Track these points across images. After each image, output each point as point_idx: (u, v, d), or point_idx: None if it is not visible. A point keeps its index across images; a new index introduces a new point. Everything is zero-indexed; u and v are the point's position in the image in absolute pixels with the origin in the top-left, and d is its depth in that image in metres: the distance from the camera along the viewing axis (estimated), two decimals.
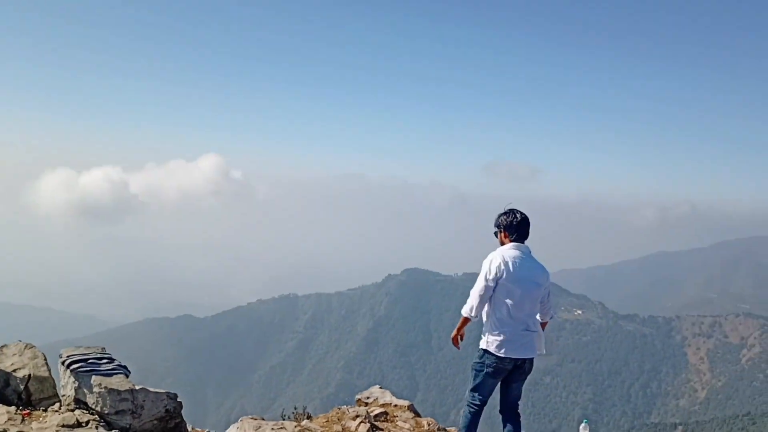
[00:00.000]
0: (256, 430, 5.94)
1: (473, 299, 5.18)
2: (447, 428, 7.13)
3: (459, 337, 5.48)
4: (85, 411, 5.16)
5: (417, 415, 7.68)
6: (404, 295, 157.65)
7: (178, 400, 6.36)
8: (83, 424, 4.85)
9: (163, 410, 6.19)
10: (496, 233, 5.44)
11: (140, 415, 6.00)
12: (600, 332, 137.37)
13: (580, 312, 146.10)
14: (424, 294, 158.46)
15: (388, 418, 7.27)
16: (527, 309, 5.17)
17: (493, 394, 5.52)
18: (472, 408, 5.39)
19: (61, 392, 5.65)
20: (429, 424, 7.15)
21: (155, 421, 6.13)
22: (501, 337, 5.14)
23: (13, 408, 5.17)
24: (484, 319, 5.31)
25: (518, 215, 5.30)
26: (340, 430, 6.42)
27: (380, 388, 8.20)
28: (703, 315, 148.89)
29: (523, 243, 5.31)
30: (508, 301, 5.09)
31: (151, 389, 6.17)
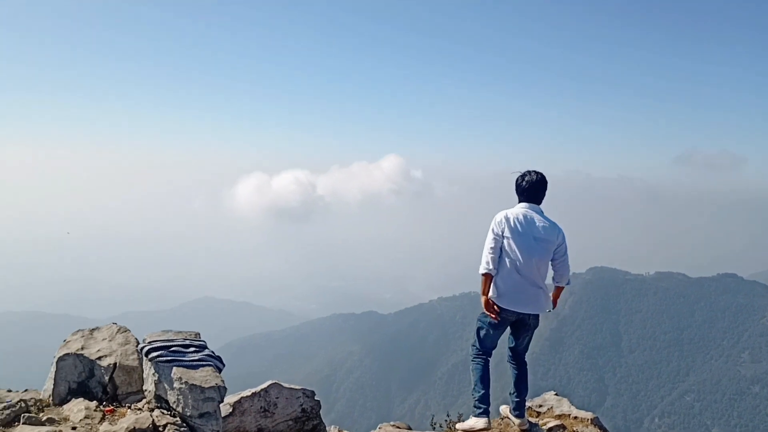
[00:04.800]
0: None
1: (486, 254, 5.26)
2: None
3: (492, 304, 5.38)
4: (165, 411, 4.12)
5: (603, 430, 6.24)
6: (589, 295, 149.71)
7: (316, 398, 5.61)
8: (160, 428, 3.85)
9: (299, 410, 5.49)
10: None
11: (273, 414, 5.34)
12: None
13: None
14: (612, 294, 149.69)
15: None
16: (531, 264, 5.22)
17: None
18: (478, 360, 5.76)
19: (145, 386, 4.61)
20: None
21: (290, 422, 5.43)
22: (502, 289, 5.26)
23: (94, 403, 4.26)
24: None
25: (530, 176, 5.60)
26: None
27: (556, 394, 6.85)
28: None
29: (536, 204, 5.57)
30: (510, 255, 5.22)
31: (285, 385, 5.46)
